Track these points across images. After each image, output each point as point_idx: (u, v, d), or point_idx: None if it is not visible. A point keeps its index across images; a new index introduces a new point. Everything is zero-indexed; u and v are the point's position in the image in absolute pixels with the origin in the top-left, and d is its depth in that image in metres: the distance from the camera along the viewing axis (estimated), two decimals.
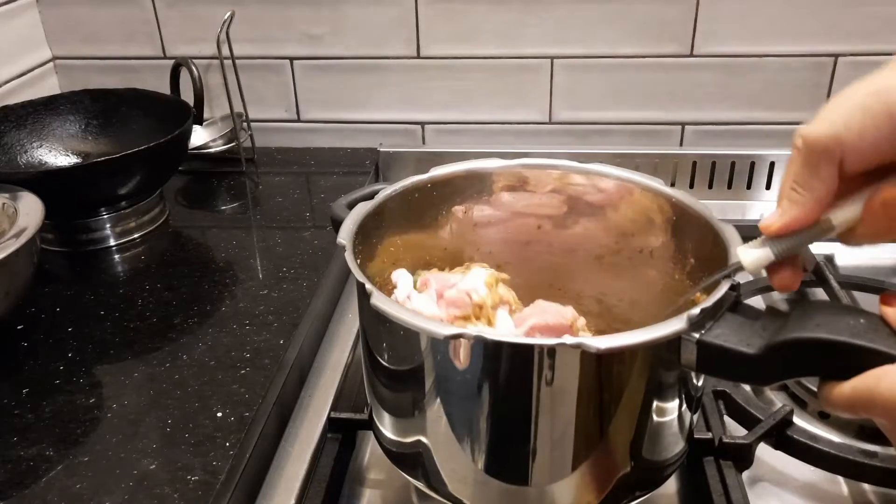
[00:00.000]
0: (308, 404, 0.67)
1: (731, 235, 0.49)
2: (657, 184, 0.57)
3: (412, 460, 0.51)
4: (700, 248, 0.53)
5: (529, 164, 0.61)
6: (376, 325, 0.49)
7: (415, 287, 0.57)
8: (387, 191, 0.57)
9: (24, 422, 0.58)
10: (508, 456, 0.47)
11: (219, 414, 0.58)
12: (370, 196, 0.57)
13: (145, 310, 0.71)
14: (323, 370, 0.71)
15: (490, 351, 0.44)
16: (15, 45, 0.98)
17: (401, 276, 0.57)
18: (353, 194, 0.59)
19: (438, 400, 0.47)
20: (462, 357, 0.44)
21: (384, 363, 0.50)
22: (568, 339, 0.41)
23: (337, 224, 0.54)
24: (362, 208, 0.55)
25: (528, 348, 0.44)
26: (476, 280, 0.57)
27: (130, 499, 0.51)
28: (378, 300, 0.46)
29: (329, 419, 0.62)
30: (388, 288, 0.58)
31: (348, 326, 0.77)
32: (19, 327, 0.69)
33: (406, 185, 0.59)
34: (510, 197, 0.62)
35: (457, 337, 0.43)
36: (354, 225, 0.53)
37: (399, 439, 0.52)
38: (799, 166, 0.39)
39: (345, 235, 0.52)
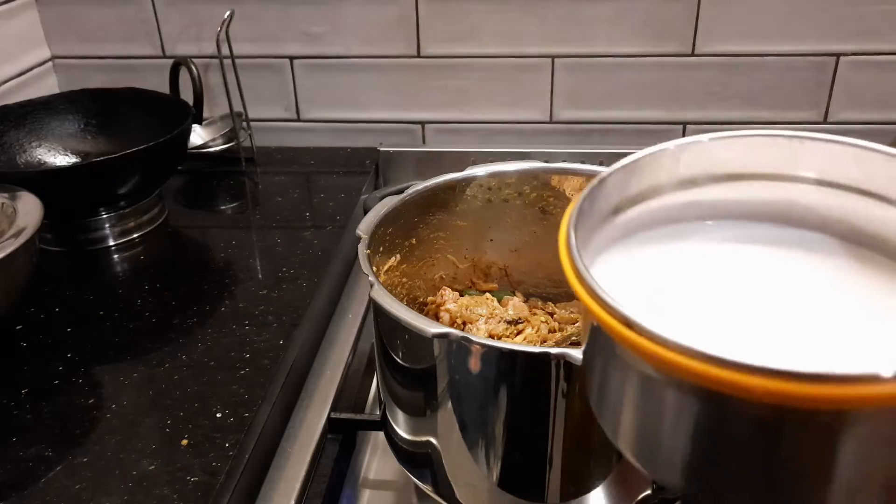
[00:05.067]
0: (308, 404, 0.66)
1: None
2: None
3: (421, 461, 0.51)
4: None
5: (561, 169, 0.59)
6: (387, 321, 0.49)
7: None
8: (417, 187, 0.57)
9: (23, 422, 0.58)
10: (519, 463, 0.47)
11: (218, 414, 0.58)
12: (401, 192, 0.57)
13: (144, 310, 0.71)
14: (323, 370, 0.71)
15: (491, 357, 0.44)
16: (14, 44, 0.98)
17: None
18: (387, 189, 0.59)
19: (449, 402, 0.47)
20: (470, 361, 0.44)
21: (395, 358, 0.50)
22: (553, 350, 0.41)
23: None
24: (388, 202, 0.55)
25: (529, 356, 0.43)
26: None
27: (130, 500, 0.51)
28: (377, 294, 0.46)
29: (329, 419, 0.62)
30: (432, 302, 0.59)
31: (348, 326, 0.77)
32: (18, 327, 0.69)
33: (438, 182, 0.58)
34: (534, 197, 0.61)
35: (442, 336, 0.43)
36: (377, 217, 0.53)
37: (411, 438, 0.52)
38: None
39: (364, 228, 0.52)
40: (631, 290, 0.28)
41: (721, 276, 0.34)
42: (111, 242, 0.83)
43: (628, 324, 0.27)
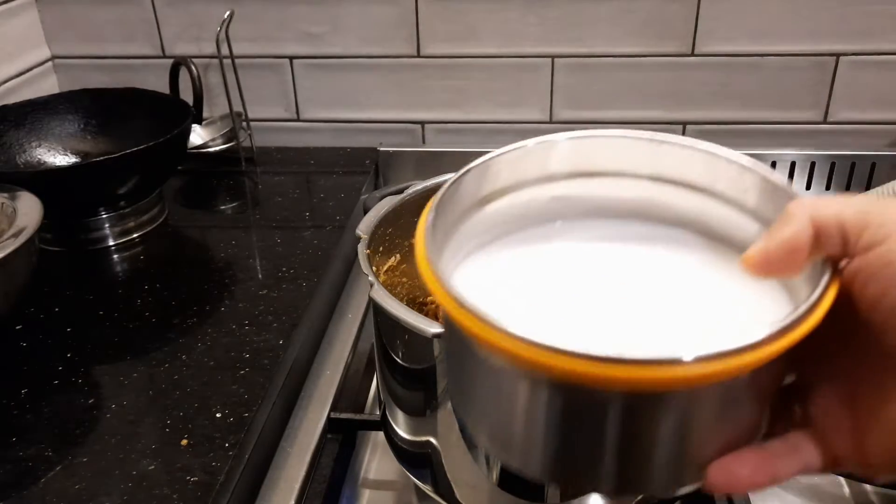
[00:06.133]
0: (308, 404, 0.66)
1: None
2: None
3: (421, 461, 0.51)
4: None
5: None
6: (387, 321, 0.49)
7: None
8: (416, 187, 0.57)
9: (23, 422, 0.58)
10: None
11: (218, 414, 0.58)
12: (401, 192, 0.57)
13: (144, 310, 0.71)
14: (323, 370, 0.71)
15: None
16: (14, 44, 0.98)
17: None
18: (387, 189, 0.59)
19: (448, 402, 0.47)
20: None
21: (395, 358, 0.50)
22: None
23: None
24: (388, 202, 0.55)
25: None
26: None
27: (129, 499, 0.51)
28: (377, 294, 0.46)
29: (329, 419, 0.62)
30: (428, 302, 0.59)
31: (348, 326, 0.77)
32: (18, 327, 0.69)
33: (438, 182, 0.58)
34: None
35: (441, 336, 0.43)
36: (377, 217, 0.53)
37: (411, 438, 0.52)
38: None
39: (364, 228, 0.52)
40: (491, 292, 0.28)
41: (583, 272, 0.34)
42: (111, 242, 0.83)
43: (459, 302, 0.27)
